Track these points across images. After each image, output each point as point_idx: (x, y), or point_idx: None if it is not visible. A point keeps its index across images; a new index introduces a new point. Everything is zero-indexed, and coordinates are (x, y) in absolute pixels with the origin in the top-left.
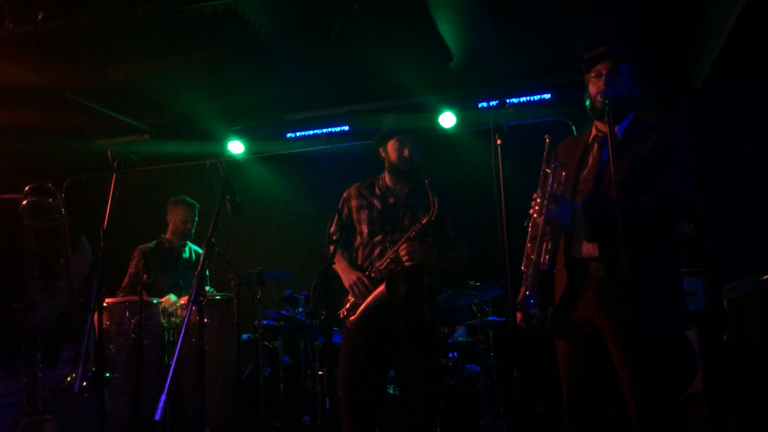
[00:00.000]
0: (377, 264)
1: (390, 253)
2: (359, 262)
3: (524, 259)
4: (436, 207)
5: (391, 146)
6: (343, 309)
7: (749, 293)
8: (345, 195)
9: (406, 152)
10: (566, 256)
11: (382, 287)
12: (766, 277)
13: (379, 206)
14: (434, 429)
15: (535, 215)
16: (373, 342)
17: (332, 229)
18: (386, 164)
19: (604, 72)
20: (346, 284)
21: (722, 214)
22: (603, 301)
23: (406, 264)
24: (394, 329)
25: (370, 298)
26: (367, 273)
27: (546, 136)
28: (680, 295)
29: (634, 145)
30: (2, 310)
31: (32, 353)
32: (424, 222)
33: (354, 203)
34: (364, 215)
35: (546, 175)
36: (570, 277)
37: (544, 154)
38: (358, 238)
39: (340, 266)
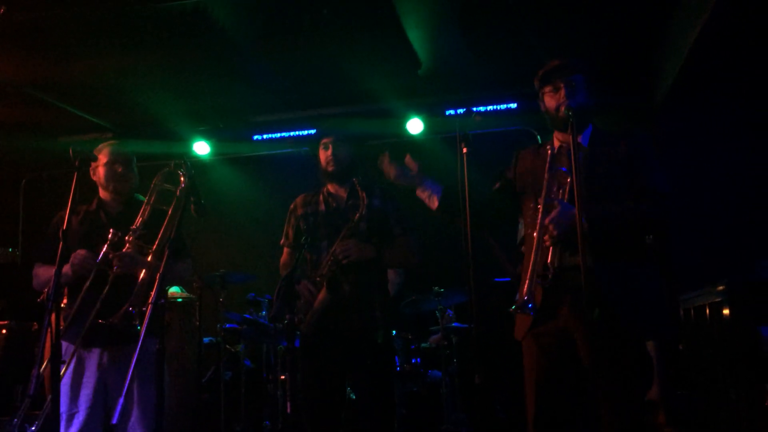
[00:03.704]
0: (321, 268)
1: (329, 255)
2: (308, 268)
3: (522, 263)
4: (365, 202)
5: (319, 153)
6: (297, 317)
7: (706, 303)
8: (291, 206)
9: (329, 152)
10: (547, 263)
11: (324, 289)
12: (722, 287)
13: (323, 212)
14: None
15: (533, 222)
16: (327, 348)
17: (282, 241)
18: (322, 173)
19: (562, 85)
20: None
21: (679, 225)
22: (579, 309)
23: (344, 262)
24: (347, 332)
25: (316, 303)
26: (311, 279)
27: (547, 146)
28: (660, 300)
29: (605, 153)
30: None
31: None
32: (356, 218)
33: (300, 212)
34: (309, 222)
35: (546, 180)
36: (549, 284)
37: (547, 162)
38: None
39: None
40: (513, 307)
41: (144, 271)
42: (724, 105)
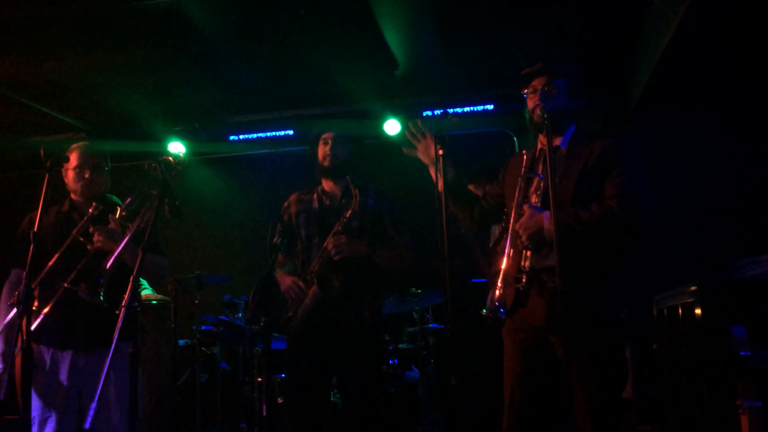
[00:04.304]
0: (311, 266)
1: (320, 251)
2: (299, 265)
3: (492, 265)
4: (358, 199)
5: (318, 148)
6: (285, 316)
7: (678, 303)
8: (285, 204)
9: (327, 148)
10: (521, 265)
11: (314, 286)
12: (694, 288)
13: (316, 209)
14: None
15: (507, 225)
16: (315, 349)
17: (275, 239)
18: (318, 169)
19: (540, 87)
20: (283, 291)
21: (654, 226)
22: (556, 310)
23: (335, 258)
24: (335, 331)
25: (306, 300)
26: (302, 277)
27: (524, 151)
28: (635, 301)
29: (580, 156)
30: None
31: None
32: (348, 215)
33: (293, 209)
34: (302, 219)
35: (519, 185)
36: (524, 286)
37: (523, 166)
38: (299, 244)
39: (278, 275)
40: (485, 310)
41: (121, 246)
42: (699, 107)
